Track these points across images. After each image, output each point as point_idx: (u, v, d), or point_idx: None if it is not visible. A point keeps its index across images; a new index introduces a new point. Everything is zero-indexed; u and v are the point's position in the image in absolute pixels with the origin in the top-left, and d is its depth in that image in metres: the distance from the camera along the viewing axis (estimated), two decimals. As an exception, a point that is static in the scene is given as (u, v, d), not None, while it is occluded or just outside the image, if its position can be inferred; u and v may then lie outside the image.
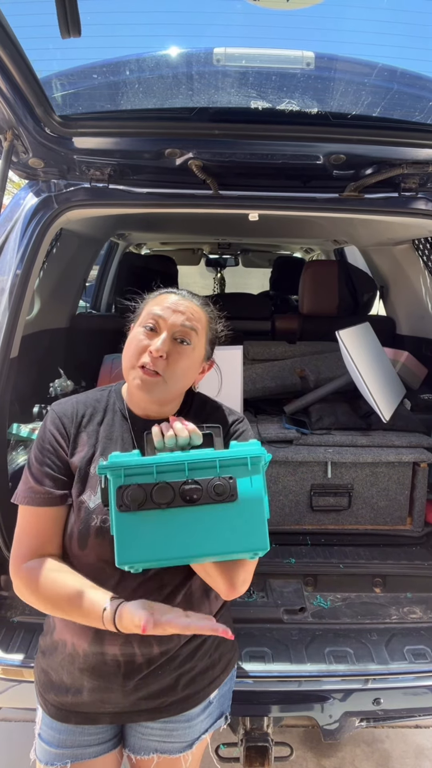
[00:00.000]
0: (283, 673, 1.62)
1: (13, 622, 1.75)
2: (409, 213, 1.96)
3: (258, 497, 0.95)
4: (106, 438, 1.18)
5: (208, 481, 0.93)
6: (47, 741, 1.21)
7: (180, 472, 0.94)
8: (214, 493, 0.93)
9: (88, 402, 1.23)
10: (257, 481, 0.95)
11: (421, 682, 1.63)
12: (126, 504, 0.92)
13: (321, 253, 5.33)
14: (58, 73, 1.67)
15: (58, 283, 2.81)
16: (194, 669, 1.21)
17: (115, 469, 0.93)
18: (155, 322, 1.14)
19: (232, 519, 0.93)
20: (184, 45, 1.64)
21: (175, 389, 1.16)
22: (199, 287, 6.47)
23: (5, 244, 1.86)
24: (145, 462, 0.95)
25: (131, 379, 1.13)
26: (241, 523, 0.93)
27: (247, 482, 0.95)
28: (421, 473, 2.23)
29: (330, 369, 2.77)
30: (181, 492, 0.93)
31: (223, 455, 0.96)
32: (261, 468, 0.96)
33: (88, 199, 1.89)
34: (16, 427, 2.10)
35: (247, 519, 0.94)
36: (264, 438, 2.28)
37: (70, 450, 1.16)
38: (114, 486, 0.93)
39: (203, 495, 0.93)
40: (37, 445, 1.17)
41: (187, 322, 1.14)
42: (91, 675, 1.16)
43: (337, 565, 2.00)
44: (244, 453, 0.96)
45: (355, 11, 1.57)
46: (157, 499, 0.92)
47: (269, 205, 1.93)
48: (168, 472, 0.94)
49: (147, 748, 1.22)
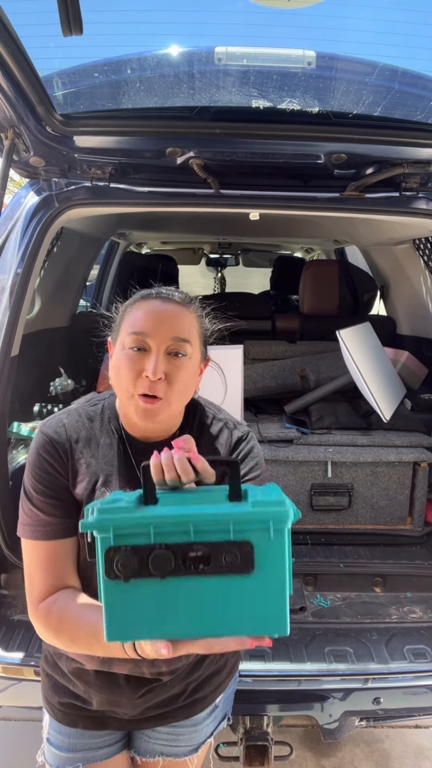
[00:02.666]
0: (282, 672, 1.62)
1: (13, 620, 1.75)
2: (410, 213, 1.96)
3: (279, 571, 0.75)
4: (106, 464, 1.07)
5: (219, 546, 0.74)
6: (57, 746, 1.19)
7: (184, 533, 0.74)
8: (224, 562, 0.74)
9: (81, 421, 1.09)
10: (280, 550, 0.75)
11: (421, 681, 1.63)
12: (116, 573, 0.73)
13: (321, 252, 5.33)
14: (60, 71, 1.67)
15: (59, 282, 2.81)
16: (201, 676, 1.19)
17: (102, 528, 0.73)
18: (142, 342, 0.99)
19: (246, 595, 0.75)
20: (186, 44, 1.64)
21: (178, 408, 1.06)
22: (200, 287, 6.47)
23: (6, 243, 1.86)
24: (140, 521, 0.74)
25: (131, 410, 1.01)
26: (256, 601, 0.75)
27: (268, 550, 0.74)
28: (421, 473, 2.23)
29: (330, 369, 2.77)
30: (184, 558, 0.74)
31: (240, 514, 0.75)
32: (286, 533, 0.75)
33: (89, 198, 1.89)
34: (16, 425, 2.11)
35: (264, 596, 0.75)
36: (264, 437, 2.28)
37: (70, 479, 1.05)
38: (101, 548, 0.73)
39: (212, 563, 0.74)
40: (30, 473, 1.04)
41: (178, 333, 1.00)
42: (99, 689, 1.12)
43: (337, 565, 1.99)
44: (265, 514, 0.75)
45: (356, 10, 1.57)
46: (155, 568, 0.74)
47: (270, 204, 1.93)
48: (168, 533, 0.74)
49: (153, 752, 1.21)
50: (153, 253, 5.50)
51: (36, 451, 1.04)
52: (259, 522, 0.75)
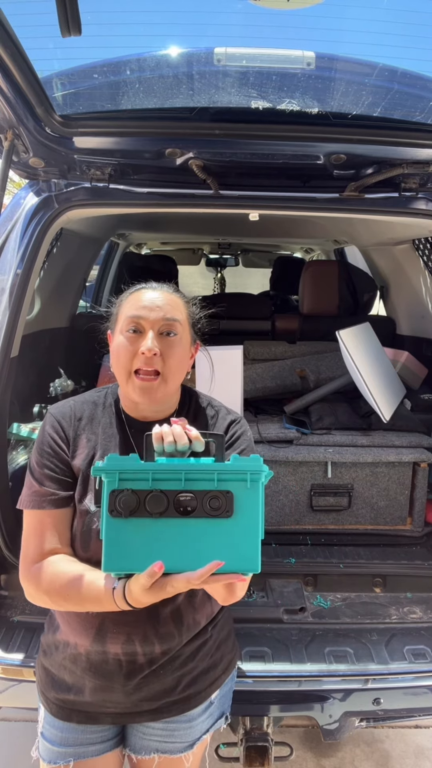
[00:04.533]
0: (283, 672, 1.62)
1: (13, 621, 1.75)
2: (410, 213, 1.96)
3: (254, 517, 0.91)
4: (106, 440, 1.18)
5: (205, 493, 0.91)
6: (50, 740, 1.21)
7: (176, 481, 0.91)
8: (209, 507, 0.90)
9: (86, 404, 1.23)
10: (255, 499, 0.91)
11: (421, 682, 1.63)
12: (118, 510, 0.90)
13: (321, 253, 5.33)
14: (59, 72, 1.67)
15: (59, 283, 2.81)
16: (196, 669, 1.21)
17: (110, 472, 0.91)
18: (137, 324, 1.13)
19: (225, 536, 0.91)
20: (185, 45, 1.64)
21: (173, 385, 1.16)
22: (200, 287, 6.47)
23: (5, 243, 1.86)
24: (141, 468, 0.92)
25: (130, 388, 1.13)
26: (233, 541, 0.91)
27: (245, 499, 0.91)
28: (421, 473, 2.23)
29: (330, 369, 2.77)
30: (175, 502, 0.90)
31: (222, 468, 0.92)
32: (260, 485, 0.92)
33: (88, 199, 1.89)
34: (16, 426, 2.10)
35: (241, 538, 0.91)
36: (264, 438, 2.28)
37: (70, 452, 1.16)
38: (107, 489, 0.91)
39: (198, 508, 0.90)
40: (37, 449, 1.17)
41: (168, 314, 1.14)
42: (93, 675, 1.16)
43: (337, 565, 1.99)
44: (244, 467, 0.92)
45: (355, 11, 1.57)
46: (150, 508, 0.90)
47: (269, 204, 1.93)
48: (164, 480, 0.91)
49: (148, 748, 1.22)
50: (153, 253, 5.50)
51: (43, 429, 1.18)
52: (239, 474, 0.92)
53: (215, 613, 1.25)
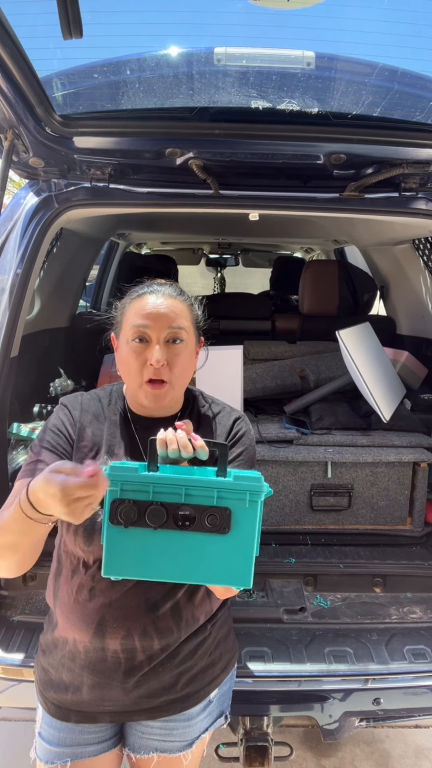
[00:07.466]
0: (282, 672, 1.62)
1: (13, 621, 1.75)
2: (410, 213, 1.96)
3: (250, 535, 0.94)
4: (110, 436, 1.21)
5: (204, 509, 0.93)
6: (47, 740, 1.21)
7: (177, 494, 0.93)
8: (207, 522, 0.93)
9: (93, 400, 1.26)
10: (252, 518, 0.94)
11: (421, 682, 1.63)
12: (118, 519, 0.93)
13: (321, 253, 5.33)
14: (59, 72, 1.67)
15: (59, 283, 2.81)
16: (194, 667, 1.21)
17: (113, 482, 0.93)
18: (143, 334, 1.14)
19: (221, 551, 0.94)
20: (185, 45, 1.64)
21: (181, 389, 1.20)
22: (200, 287, 6.47)
23: (5, 243, 1.86)
24: (143, 480, 0.94)
25: (141, 395, 1.15)
26: (228, 557, 0.94)
27: (243, 517, 0.93)
28: (421, 473, 2.23)
29: (330, 369, 2.77)
30: (174, 516, 0.93)
31: (223, 485, 0.94)
32: (259, 504, 0.94)
33: (88, 199, 1.89)
34: (16, 426, 2.10)
35: (236, 554, 0.94)
36: (264, 438, 2.28)
37: (75, 437, 1.19)
38: (109, 498, 0.93)
39: (196, 522, 0.93)
40: (43, 429, 1.21)
41: (174, 323, 1.14)
42: (92, 672, 1.16)
43: (337, 565, 1.99)
44: (244, 486, 0.94)
45: (355, 11, 1.57)
46: (150, 520, 0.93)
47: (269, 204, 1.93)
48: (164, 493, 0.93)
49: (147, 747, 1.22)
50: (153, 253, 5.50)
51: (55, 413, 1.23)
52: (239, 492, 0.93)
53: (214, 611, 1.25)
